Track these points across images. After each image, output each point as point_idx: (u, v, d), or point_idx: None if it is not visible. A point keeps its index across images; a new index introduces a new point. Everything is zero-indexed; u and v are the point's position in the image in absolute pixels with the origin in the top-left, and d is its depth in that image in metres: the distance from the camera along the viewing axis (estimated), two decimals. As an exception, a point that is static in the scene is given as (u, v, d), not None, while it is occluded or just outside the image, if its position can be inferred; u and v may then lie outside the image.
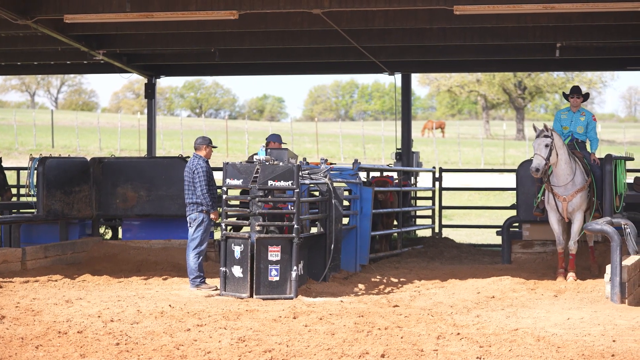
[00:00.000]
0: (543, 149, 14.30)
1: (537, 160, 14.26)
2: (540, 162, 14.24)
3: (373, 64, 20.42)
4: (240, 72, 23.01)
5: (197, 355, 8.79)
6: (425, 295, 13.14)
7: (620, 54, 19.30)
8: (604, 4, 13.80)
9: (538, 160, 14.26)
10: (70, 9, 14.90)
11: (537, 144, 14.37)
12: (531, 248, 16.92)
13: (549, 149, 14.29)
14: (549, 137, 14.32)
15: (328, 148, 55.93)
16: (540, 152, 14.29)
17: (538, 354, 8.80)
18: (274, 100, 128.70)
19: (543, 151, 14.29)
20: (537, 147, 14.34)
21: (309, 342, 9.30)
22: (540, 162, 14.23)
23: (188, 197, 13.47)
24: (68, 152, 42.43)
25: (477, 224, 26.11)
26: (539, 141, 14.36)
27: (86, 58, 19.42)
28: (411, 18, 15.90)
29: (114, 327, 10.04)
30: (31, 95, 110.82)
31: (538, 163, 14.23)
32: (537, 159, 14.27)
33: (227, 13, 14.53)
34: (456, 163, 49.83)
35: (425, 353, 8.85)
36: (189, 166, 13.53)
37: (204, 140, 13.65)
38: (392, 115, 32.02)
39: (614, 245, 11.95)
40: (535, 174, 14.32)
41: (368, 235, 16.00)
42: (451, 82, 74.37)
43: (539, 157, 14.28)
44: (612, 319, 10.57)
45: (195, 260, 13.44)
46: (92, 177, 17.00)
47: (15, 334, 9.55)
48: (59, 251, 16.10)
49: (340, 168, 16.35)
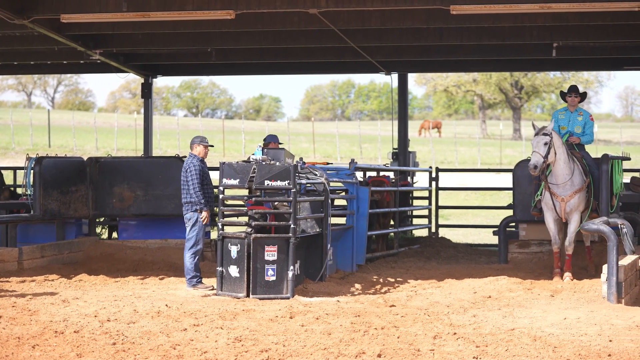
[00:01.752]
0: (542, 146, 14.27)
1: (536, 157, 14.24)
2: (538, 159, 14.21)
3: (370, 63, 20.42)
4: (236, 71, 22.99)
5: (194, 355, 8.79)
6: (421, 295, 13.14)
7: (617, 53, 19.31)
8: (601, 3, 13.80)
9: (536, 157, 14.23)
10: (66, 8, 14.88)
11: (535, 141, 14.34)
12: (528, 248, 16.93)
13: (548, 147, 14.28)
14: (548, 135, 14.31)
15: (325, 148, 55.93)
16: (539, 149, 14.26)
17: (534, 353, 8.80)
18: (271, 100, 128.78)
19: (542, 149, 14.26)
20: (535, 144, 14.32)
21: (305, 341, 9.30)
22: (539, 160, 14.21)
23: (183, 196, 13.48)
24: (65, 152, 42.41)
25: (474, 224, 26.10)
26: (537, 139, 14.33)
27: (83, 58, 19.40)
28: (408, 18, 15.90)
29: (111, 326, 10.04)
30: (28, 95, 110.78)
31: (536, 160, 14.21)
32: (536, 156, 14.25)
33: (224, 13, 14.52)
34: (453, 163, 49.85)
35: (421, 353, 8.85)
36: (183, 166, 13.56)
37: (196, 139, 13.69)
38: (388, 115, 32.02)
39: (611, 245, 11.96)
40: (533, 171, 14.29)
41: (365, 235, 16.00)
42: (448, 82, 74.43)
43: (537, 154, 14.25)
44: (609, 319, 10.58)
45: (192, 260, 13.42)
46: (89, 177, 16.99)
47: (11, 334, 9.55)
48: (56, 251, 16.09)
49: (337, 168, 16.35)
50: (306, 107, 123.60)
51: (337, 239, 15.28)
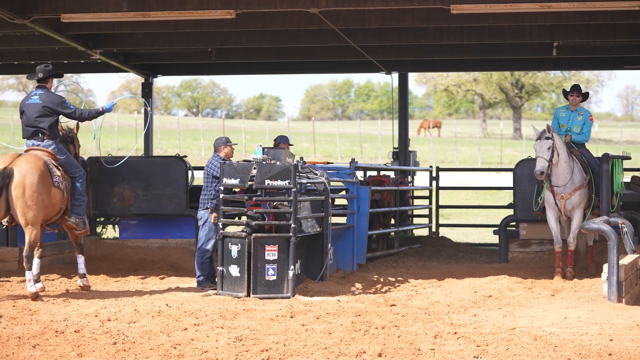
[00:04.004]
0: (545, 151, 14.31)
1: (541, 163, 14.28)
2: (544, 164, 14.27)
3: (370, 63, 20.41)
4: (237, 71, 22.99)
5: (194, 355, 8.79)
6: (422, 294, 13.14)
7: (617, 53, 19.30)
8: (601, 3, 13.80)
9: (542, 163, 14.28)
10: (67, 8, 14.88)
11: (539, 146, 14.37)
12: (528, 247, 16.93)
13: (551, 150, 14.31)
14: (551, 139, 14.35)
15: (325, 147, 55.92)
16: (543, 154, 14.31)
17: (535, 353, 8.80)
18: (271, 99, 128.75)
19: (546, 153, 14.31)
20: (539, 149, 14.35)
21: (306, 341, 9.30)
22: (544, 165, 14.27)
23: (201, 195, 13.67)
24: (65, 152, 42.32)
25: (474, 223, 26.11)
26: (541, 143, 14.35)
27: (83, 57, 19.38)
28: (408, 17, 15.89)
29: (111, 326, 10.04)
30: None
31: (542, 166, 14.26)
32: (541, 161, 14.29)
33: (224, 12, 14.52)
34: (453, 162, 49.84)
35: (422, 352, 8.85)
36: (206, 165, 13.78)
37: (221, 141, 13.81)
38: (389, 115, 32.06)
39: (611, 244, 11.95)
40: (539, 177, 14.36)
41: (365, 234, 16.00)
42: (448, 81, 74.42)
43: (542, 159, 14.30)
44: (609, 318, 10.58)
45: (198, 260, 13.55)
46: (89, 177, 16.96)
47: (12, 333, 9.55)
48: (56, 250, 16.09)
49: (338, 167, 16.35)
50: (306, 107, 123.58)
51: (338, 239, 15.29)
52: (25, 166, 11.96)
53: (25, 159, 12.09)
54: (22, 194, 11.88)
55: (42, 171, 12.06)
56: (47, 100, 12.54)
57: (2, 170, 11.86)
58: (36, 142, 12.53)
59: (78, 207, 12.80)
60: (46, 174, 12.14)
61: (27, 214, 11.94)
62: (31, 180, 11.90)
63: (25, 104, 12.64)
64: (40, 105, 12.50)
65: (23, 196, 11.89)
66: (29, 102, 12.60)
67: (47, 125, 12.52)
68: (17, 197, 11.89)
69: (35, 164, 12.05)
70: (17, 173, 11.90)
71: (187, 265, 15.64)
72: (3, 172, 11.86)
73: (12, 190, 11.88)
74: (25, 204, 11.90)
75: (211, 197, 13.47)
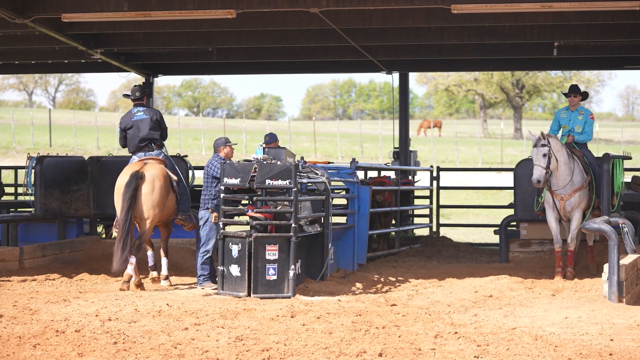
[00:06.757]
0: (541, 159, 14.33)
1: (538, 171, 14.30)
2: (540, 173, 14.29)
3: (371, 63, 20.42)
4: (237, 71, 23.00)
5: (195, 354, 8.79)
6: (422, 294, 13.14)
7: (618, 53, 19.31)
8: (602, 2, 13.80)
9: (538, 171, 14.30)
10: (67, 8, 14.89)
11: (535, 154, 14.39)
12: (529, 247, 16.93)
13: (547, 157, 14.33)
14: (547, 146, 14.35)
15: (326, 147, 55.92)
16: (539, 162, 14.33)
17: (536, 352, 8.80)
18: (272, 99, 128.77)
19: (542, 161, 14.33)
20: (535, 157, 14.37)
21: (306, 341, 9.30)
22: (541, 173, 14.29)
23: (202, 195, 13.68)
24: (66, 151, 42.41)
25: (475, 223, 26.11)
26: (536, 151, 14.38)
27: (84, 57, 19.41)
28: (409, 17, 15.90)
29: (112, 326, 10.04)
30: (29, 94, 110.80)
31: (539, 175, 14.28)
32: (538, 170, 14.31)
33: (225, 12, 14.53)
34: (454, 162, 49.85)
35: (422, 352, 8.85)
36: (205, 165, 13.81)
37: (220, 142, 13.80)
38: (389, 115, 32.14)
39: (612, 244, 11.95)
40: (537, 185, 14.41)
41: (366, 234, 16.00)
42: (449, 81, 74.40)
43: (539, 167, 14.31)
44: (610, 318, 10.58)
45: (199, 259, 13.56)
46: (90, 176, 16.98)
47: (12, 333, 9.55)
48: (57, 250, 16.10)
49: (338, 167, 16.35)
50: (307, 107, 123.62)
51: (338, 238, 15.29)
52: (154, 172, 13.54)
53: (152, 166, 13.65)
54: (151, 193, 13.45)
55: (165, 177, 13.66)
56: (153, 114, 14.09)
57: (135, 173, 13.40)
58: (148, 152, 14.00)
59: (183, 205, 14.03)
60: (168, 180, 13.72)
61: (149, 211, 13.51)
62: (159, 184, 13.50)
63: (134, 120, 14.01)
64: (148, 119, 13.98)
65: (151, 195, 13.44)
66: (137, 118, 14.02)
67: (158, 136, 14.06)
68: (147, 194, 13.43)
69: (160, 170, 13.65)
70: (148, 177, 13.46)
71: (188, 265, 15.65)
72: (136, 174, 13.40)
73: (143, 189, 13.42)
74: (152, 202, 13.46)
75: (212, 197, 13.48)
